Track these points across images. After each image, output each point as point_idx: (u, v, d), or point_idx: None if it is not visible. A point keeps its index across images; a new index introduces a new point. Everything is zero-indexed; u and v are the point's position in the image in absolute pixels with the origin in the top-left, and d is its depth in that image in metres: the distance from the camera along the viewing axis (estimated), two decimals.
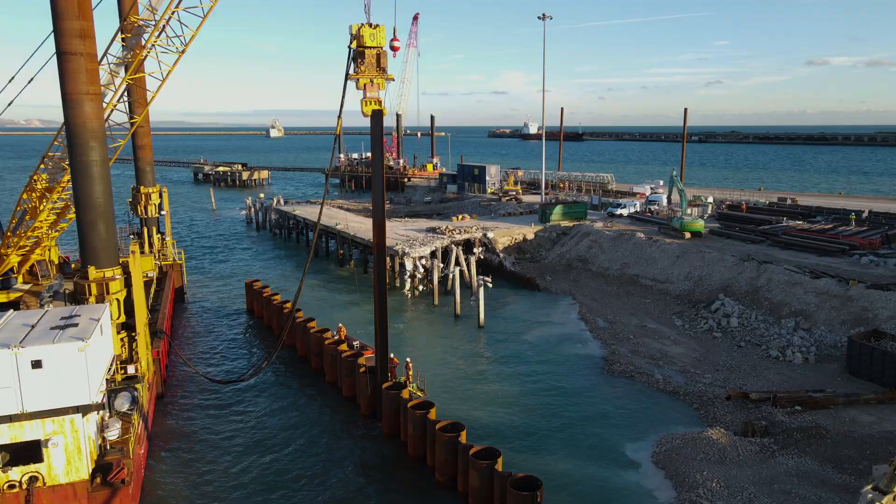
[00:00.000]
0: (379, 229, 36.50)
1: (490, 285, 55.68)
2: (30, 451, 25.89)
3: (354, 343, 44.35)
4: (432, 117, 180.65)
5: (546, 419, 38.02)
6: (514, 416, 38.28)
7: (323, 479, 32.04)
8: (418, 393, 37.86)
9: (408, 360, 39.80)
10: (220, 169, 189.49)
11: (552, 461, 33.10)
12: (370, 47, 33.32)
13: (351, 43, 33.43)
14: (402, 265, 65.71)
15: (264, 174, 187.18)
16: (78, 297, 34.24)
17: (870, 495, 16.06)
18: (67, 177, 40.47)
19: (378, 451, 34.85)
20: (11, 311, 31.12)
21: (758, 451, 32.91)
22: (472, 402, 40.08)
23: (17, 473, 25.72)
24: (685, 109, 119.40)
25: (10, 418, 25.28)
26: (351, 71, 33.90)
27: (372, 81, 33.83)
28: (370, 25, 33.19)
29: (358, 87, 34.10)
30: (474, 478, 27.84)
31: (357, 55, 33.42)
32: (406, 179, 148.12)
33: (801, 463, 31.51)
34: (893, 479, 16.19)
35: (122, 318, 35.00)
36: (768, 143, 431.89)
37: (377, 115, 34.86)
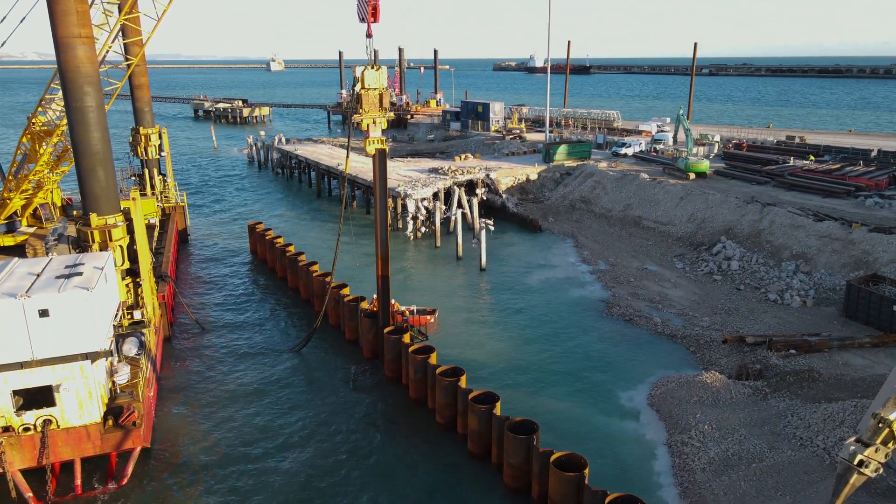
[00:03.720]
0: (384, 262, 37.84)
1: (492, 228, 55.72)
2: (42, 396, 26.75)
3: (412, 309, 43.02)
4: (436, 51, 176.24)
5: (545, 362, 38.85)
6: (514, 360, 39.10)
7: (327, 419, 33.11)
8: (419, 337, 38.61)
9: (404, 309, 40.29)
10: (221, 105, 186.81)
11: (549, 403, 34.05)
12: (373, 89, 34.89)
13: (354, 85, 34.87)
14: (405, 207, 65.68)
15: (265, 111, 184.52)
16: (81, 244, 34.53)
17: (852, 447, 16.58)
18: (65, 120, 40.10)
19: (380, 393, 35.84)
20: (16, 258, 31.49)
21: (750, 393, 33.70)
22: (472, 346, 40.87)
23: (31, 417, 26.67)
24: (695, 44, 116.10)
25: (21, 365, 26.00)
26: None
27: (375, 122, 35.29)
28: (372, 68, 34.53)
29: (361, 129, 35.48)
30: (473, 421, 28.74)
31: (359, 97, 34.93)
32: (409, 117, 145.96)
33: (792, 405, 32.30)
34: (876, 432, 16.68)
35: (127, 265, 35.38)
36: (781, 76, 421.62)
37: (381, 154, 36.13)
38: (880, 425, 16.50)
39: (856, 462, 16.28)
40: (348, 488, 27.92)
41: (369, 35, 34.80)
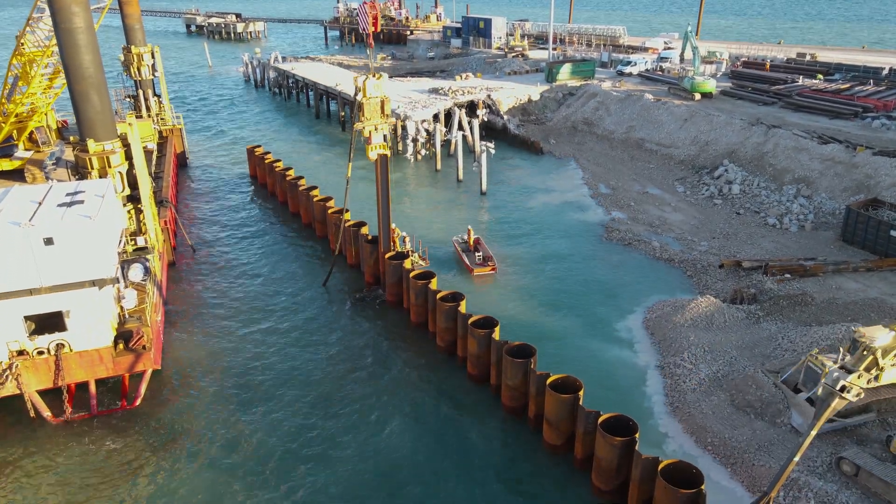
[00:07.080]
0: (385, 260, 37.96)
1: (493, 151, 55.12)
2: (54, 321, 27.47)
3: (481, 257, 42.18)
4: None
5: (543, 286, 39.49)
6: (513, 284, 39.74)
7: (330, 341, 34.13)
8: (420, 262, 39.08)
9: (405, 234, 40.62)
10: (214, 21, 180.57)
11: (546, 327, 34.91)
12: (374, 97, 34.67)
13: (356, 94, 34.62)
14: (405, 129, 64.79)
15: (259, 26, 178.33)
16: (80, 170, 34.41)
17: (836, 373, 17.22)
18: (54, 41, 39.06)
19: (381, 317, 36.69)
20: (15, 185, 31.53)
21: (744, 317, 34.45)
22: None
23: (44, 341, 27.49)
24: None
25: (30, 292, 26.55)
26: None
27: (377, 128, 35.11)
28: (374, 76, 34.35)
29: (363, 135, 35.17)
30: (473, 345, 29.58)
31: (361, 105, 34.63)
32: (408, 33, 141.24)
33: (783, 328, 33.10)
34: (860, 359, 17.28)
35: (127, 191, 35.39)
36: None
37: (383, 160, 35.90)
38: (865, 353, 17.06)
39: (838, 387, 16.94)
40: (352, 407, 29.12)
41: (370, 45, 36.69)
